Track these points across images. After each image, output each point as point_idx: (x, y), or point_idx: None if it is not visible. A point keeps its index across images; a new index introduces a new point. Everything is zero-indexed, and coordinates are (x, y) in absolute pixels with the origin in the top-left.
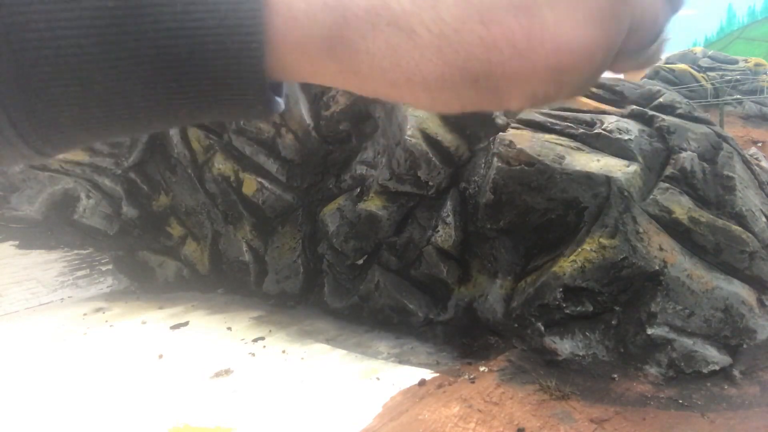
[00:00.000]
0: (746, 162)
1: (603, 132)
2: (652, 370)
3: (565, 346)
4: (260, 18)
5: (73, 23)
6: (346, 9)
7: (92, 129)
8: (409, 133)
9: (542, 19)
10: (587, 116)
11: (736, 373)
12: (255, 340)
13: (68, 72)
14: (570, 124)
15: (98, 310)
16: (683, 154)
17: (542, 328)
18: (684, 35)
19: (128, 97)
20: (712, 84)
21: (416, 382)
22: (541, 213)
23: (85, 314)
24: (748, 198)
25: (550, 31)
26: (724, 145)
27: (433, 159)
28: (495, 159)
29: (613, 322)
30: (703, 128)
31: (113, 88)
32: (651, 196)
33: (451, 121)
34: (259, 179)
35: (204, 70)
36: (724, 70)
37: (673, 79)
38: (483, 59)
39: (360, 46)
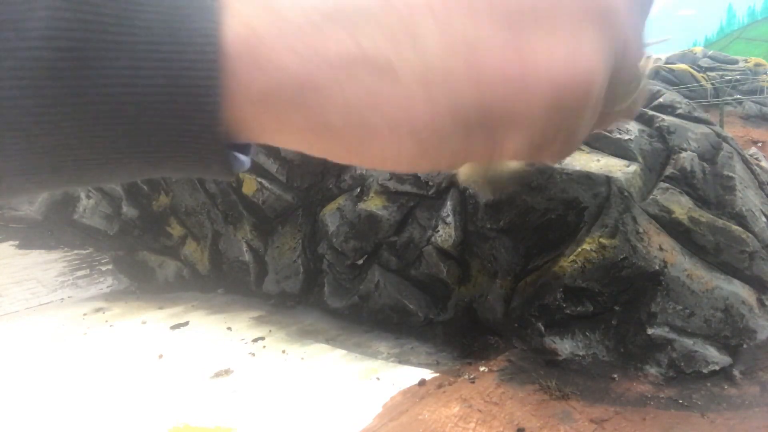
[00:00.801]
0: (746, 162)
1: (603, 132)
2: (652, 370)
3: (565, 346)
4: (217, 73)
5: (10, 74)
6: (317, 54)
7: (39, 181)
8: None
9: (534, 49)
10: None
11: (736, 373)
12: (255, 340)
13: (8, 124)
14: None
15: (98, 310)
16: (683, 154)
17: (542, 328)
18: (684, 35)
19: (74, 151)
20: (712, 84)
21: (416, 382)
22: (541, 213)
23: (85, 314)
24: (748, 198)
25: (544, 62)
26: (724, 145)
27: None
28: None
29: (613, 322)
30: (703, 128)
31: (57, 142)
32: (651, 196)
33: None
34: (259, 179)
35: (155, 130)
36: (724, 70)
37: (673, 79)
38: (475, 100)
39: (335, 94)
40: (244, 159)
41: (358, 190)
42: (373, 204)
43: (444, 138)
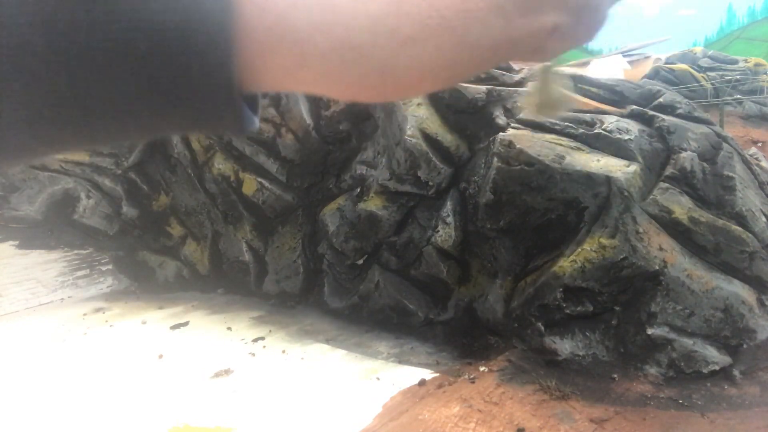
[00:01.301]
0: (746, 162)
1: (603, 132)
2: (652, 370)
3: (565, 346)
4: (229, 12)
5: (14, 10)
6: None
7: (41, 135)
8: (409, 132)
9: None
10: (587, 116)
11: (736, 373)
12: (255, 340)
13: (11, 67)
14: (570, 124)
15: (98, 310)
16: (683, 154)
17: (542, 328)
18: (684, 35)
19: (80, 97)
20: (712, 84)
21: (416, 382)
22: (541, 213)
23: (85, 314)
24: (748, 198)
25: None
26: (724, 145)
27: (433, 159)
28: (495, 159)
29: (613, 322)
30: (703, 128)
31: (62, 85)
32: (651, 196)
33: (451, 121)
34: (259, 179)
35: (166, 69)
36: (724, 70)
37: (673, 79)
38: None
39: (358, 9)
40: (254, 118)
41: (358, 190)
42: (373, 204)
43: (484, 26)
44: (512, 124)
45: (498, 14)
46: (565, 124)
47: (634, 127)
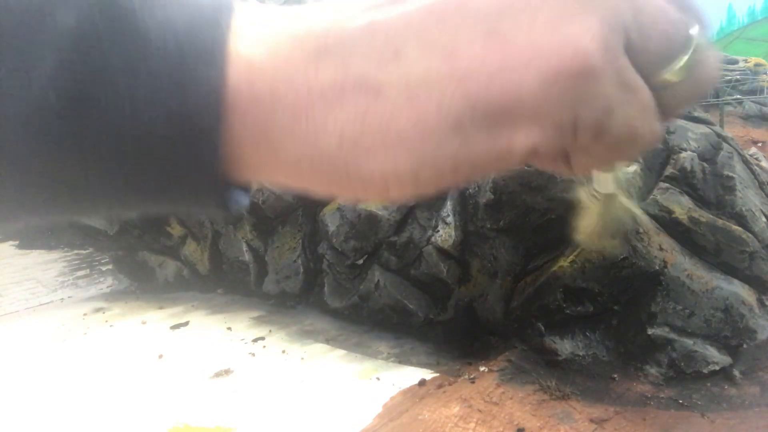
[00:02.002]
0: (746, 162)
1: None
2: (652, 370)
3: (565, 346)
4: (217, 124)
5: (17, 118)
6: (310, 84)
7: (33, 209)
8: None
9: (514, 41)
10: None
11: (736, 373)
12: (255, 340)
13: (9, 159)
14: None
15: (98, 310)
16: (683, 154)
17: (542, 328)
18: None
19: (72, 187)
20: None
21: (416, 382)
22: (541, 213)
23: (85, 314)
24: (748, 198)
25: (526, 50)
26: (724, 145)
27: None
28: None
29: (613, 322)
30: (703, 128)
31: (56, 176)
32: (651, 196)
33: None
34: None
35: (154, 171)
36: (724, 70)
37: None
38: (461, 99)
39: (327, 120)
40: (243, 198)
41: None
42: (373, 204)
43: (439, 144)
44: None
45: (454, 131)
46: None
47: None
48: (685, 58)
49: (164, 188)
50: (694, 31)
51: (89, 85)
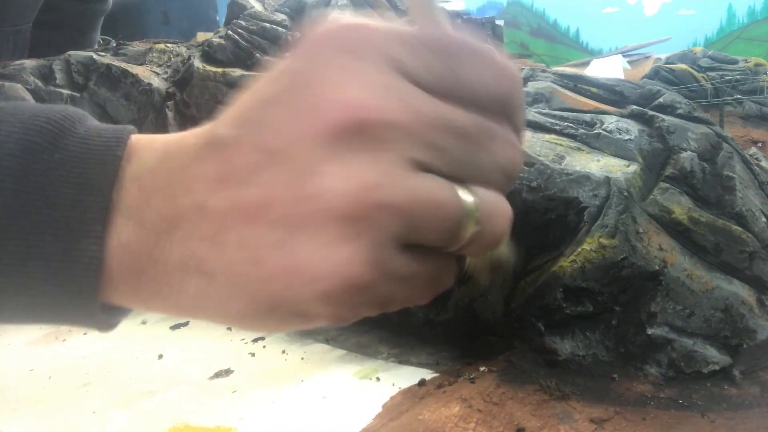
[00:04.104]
0: (746, 162)
1: (603, 132)
2: (652, 370)
3: (565, 346)
4: (95, 287)
5: None
6: (167, 260)
7: None
8: None
9: (297, 254)
10: (587, 116)
11: (736, 373)
12: (255, 340)
13: None
14: (570, 124)
15: None
16: (683, 154)
17: (542, 328)
18: (684, 35)
19: None
20: (712, 84)
21: (416, 382)
22: (541, 213)
23: None
24: (748, 198)
25: (304, 264)
26: (724, 145)
27: None
28: None
29: (613, 322)
30: (703, 128)
31: None
32: (651, 196)
33: None
34: None
35: (38, 310)
36: (724, 70)
37: (673, 79)
38: (264, 295)
39: (177, 291)
40: (127, 311)
41: None
42: None
43: (260, 323)
44: None
45: (269, 316)
46: (565, 124)
47: (634, 127)
48: (469, 224)
49: (52, 323)
50: (466, 195)
51: None
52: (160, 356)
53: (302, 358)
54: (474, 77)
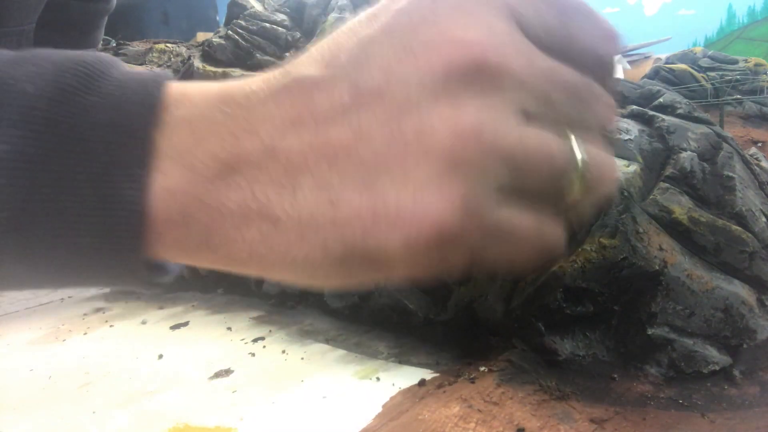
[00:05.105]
0: (746, 162)
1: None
2: (653, 370)
3: (565, 346)
4: (138, 238)
5: None
6: (221, 205)
7: None
8: None
9: (384, 198)
10: None
11: (736, 373)
12: (255, 340)
13: None
14: None
15: (98, 310)
16: (683, 154)
17: (542, 328)
18: (684, 35)
19: None
20: (712, 84)
21: (416, 382)
22: None
23: (85, 314)
24: (748, 198)
25: (393, 209)
26: (724, 145)
27: None
28: None
29: (613, 323)
30: (703, 128)
31: None
32: (651, 196)
33: None
34: None
35: (80, 269)
36: (724, 70)
37: (673, 79)
38: (340, 242)
39: (237, 237)
40: (172, 268)
41: None
42: None
43: (326, 272)
44: None
45: (338, 267)
46: None
47: (634, 127)
48: (576, 180)
49: (90, 282)
50: (578, 149)
51: (18, 206)
52: (160, 356)
53: (302, 358)
54: (583, 36)
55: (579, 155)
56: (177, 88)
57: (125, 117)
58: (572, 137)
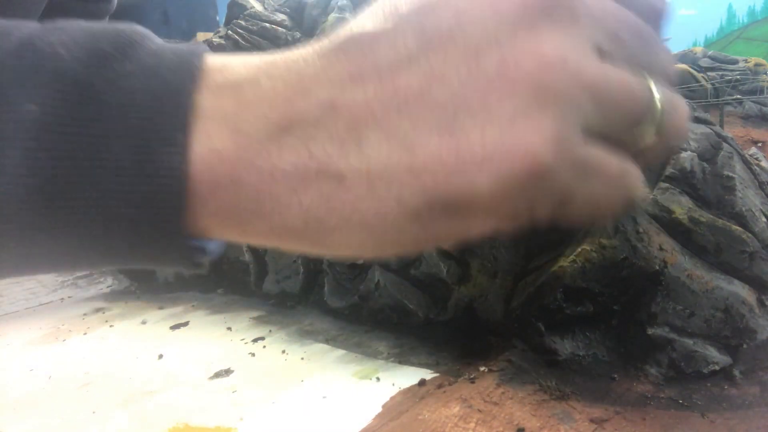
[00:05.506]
0: (746, 162)
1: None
2: (653, 370)
3: (565, 346)
4: (180, 206)
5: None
6: (274, 167)
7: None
8: None
9: (468, 138)
10: None
11: (736, 373)
12: (255, 340)
13: None
14: None
15: (98, 310)
16: (683, 154)
17: (542, 328)
18: (684, 35)
19: (32, 256)
20: (712, 84)
21: (416, 382)
22: None
23: (85, 314)
24: (748, 198)
25: (479, 147)
26: (724, 145)
27: None
28: None
29: (613, 323)
30: (703, 128)
31: (19, 248)
32: (651, 196)
33: None
34: None
35: (119, 246)
36: (724, 70)
37: None
38: (418, 192)
39: (292, 202)
40: (209, 250)
41: None
42: None
43: (399, 229)
44: None
45: (413, 221)
46: None
47: None
48: (653, 122)
49: (127, 259)
50: (656, 90)
51: (54, 173)
52: (160, 356)
53: (302, 358)
54: None
55: (657, 95)
56: (216, 58)
57: (162, 83)
58: (649, 78)
